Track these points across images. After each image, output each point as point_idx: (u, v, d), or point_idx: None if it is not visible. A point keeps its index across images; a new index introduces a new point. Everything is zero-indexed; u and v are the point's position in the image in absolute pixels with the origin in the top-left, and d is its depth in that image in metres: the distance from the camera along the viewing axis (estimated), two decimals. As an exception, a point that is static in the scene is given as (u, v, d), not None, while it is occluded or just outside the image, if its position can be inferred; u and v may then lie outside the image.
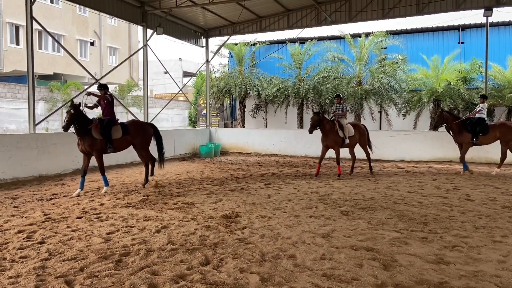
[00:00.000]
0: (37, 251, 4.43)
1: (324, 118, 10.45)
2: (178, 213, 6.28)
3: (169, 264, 4.05)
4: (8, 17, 27.03)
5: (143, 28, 14.84)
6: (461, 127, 10.79)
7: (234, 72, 22.24)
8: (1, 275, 3.76)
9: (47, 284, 3.56)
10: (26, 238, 4.91)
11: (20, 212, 6.34)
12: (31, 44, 10.69)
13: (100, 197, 7.56)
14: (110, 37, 35.98)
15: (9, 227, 5.40)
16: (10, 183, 9.01)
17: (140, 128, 8.72)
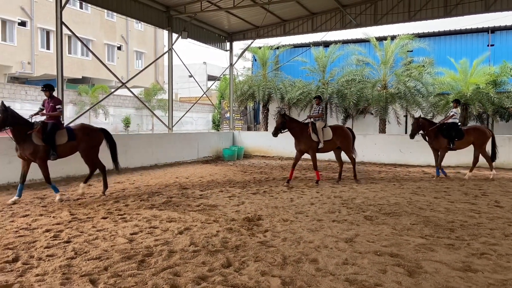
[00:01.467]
0: (64, 250, 4.54)
1: (292, 120, 9.87)
2: (200, 215, 6.32)
3: (191, 265, 4.08)
4: (39, 23, 28.00)
5: (169, 32, 15.08)
6: (437, 133, 10.77)
7: (257, 76, 22.30)
8: (28, 273, 3.86)
9: (72, 283, 3.63)
10: (53, 237, 5.04)
11: (48, 211, 6.51)
12: (60, 49, 11.02)
13: (125, 198, 7.69)
14: (136, 41, 36.75)
15: (37, 226, 5.55)
16: (39, 183, 9.27)
17: (88, 133, 7.93)
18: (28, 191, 8.30)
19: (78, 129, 7.87)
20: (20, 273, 3.85)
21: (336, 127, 10.37)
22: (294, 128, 9.74)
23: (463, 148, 11.04)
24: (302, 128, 9.82)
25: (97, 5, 12.94)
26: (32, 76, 28.46)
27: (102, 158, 8.28)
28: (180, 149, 14.63)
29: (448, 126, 10.73)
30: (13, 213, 6.36)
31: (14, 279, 3.69)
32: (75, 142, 7.69)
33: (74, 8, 29.19)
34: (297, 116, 20.76)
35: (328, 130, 9.98)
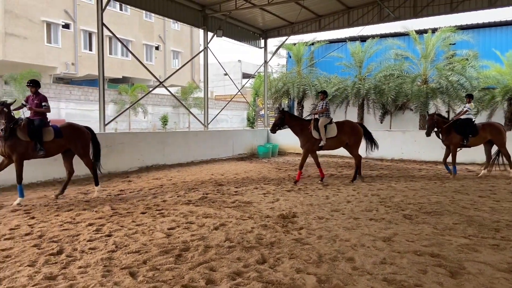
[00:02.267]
0: (105, 243, 4.70)
1: (292, 116, 9.60)
2: (235, 211, 6.37)
3: (226, 260, 4.11)
4: (82, 25, 29.12)
5: (204, 31, 15.26)
6: (451, 129, 10.36)
7: (292, 72, 22.18)
8: (71, 265, 4.02)
9: (113, 275, 3.75)
10: (95, 231, 5.23)
11: (91, 206, 6.77)
12: (102, 50, 11.40)
13: (163, 194, 7.86)
14: (173, 41, 37.49)
15: (80, 220, 5.78)
16: (82, 179, 9.66)
17: (75, 132, 7.70)
18: (72, 187, 8.66)
19: (65, 127, 7.67)
20: (64, 265, 4.01)
21: (343, 123, 9.91)
22: (294, 125, 9.44)
23: (477, 145, 10.56)
24: (303, 125, 9.51)
25: (136, 6, 13.30)
26: (75, 76, 29.67)
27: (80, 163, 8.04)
28: (216, 147, 14.80)
29: (462, 122, 10.30)
30: (58, 207, 6.65)
31: (58, 271, 3.85)
32: (62, 140, 7.45)
33: (114, 10, 30.14)
34: (333, 113, 20.50)
35: (332, 127, 9.48)
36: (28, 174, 8.64)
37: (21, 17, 25.47)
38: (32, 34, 26.08)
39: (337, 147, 9.80)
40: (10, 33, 24.95)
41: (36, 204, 6.90)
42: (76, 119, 23.42)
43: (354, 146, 9.72)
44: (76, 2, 28.59)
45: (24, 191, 7.19)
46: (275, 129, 9.33)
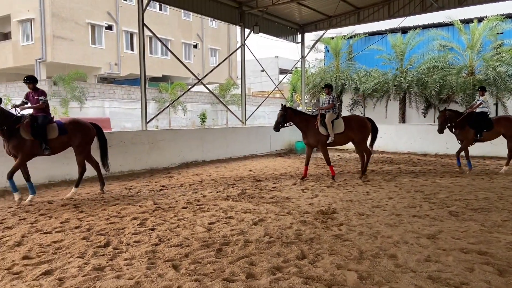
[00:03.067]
0: (149, 237, 4.85)
1: (296, 112, 9.24)
2: (274, 207, 6.39)
3: (266, 255, 4.14)
4: (124, 26, 30.09)
5: (241, 28, 15.34)
6: (464, 123, 9.94)
7: (330, 67, 21.85)
8: (118, 257, 4.19)
9: (157, 267, 3.87)
10: (139, 225, 5.41)
11: (135, 201, 7.01)
12: (143, 49, 11.73)
13: (203, 189, 8.01)
14: (211, 39, 37.96)
15: (125, 214, 6.00)
16: (126, 175, 10.02)
17: (79, 128, 7.46)
18: (117, 182, 9.01)
19: (69, 123, 7.42)
20: (111, 257, 4.19)
21: (350, 118, 9.59)
22: (299, 121, 9.11)
23: (492, 139, 10.17)
24: (309, 120, 9.17)
25: (175, 6, 13.57)
26: (118, 76, 30.75)
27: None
28: (253, 143, 14.87)
29: (476, 116, 9.88)
30: (104, 201, 6.94)
31: (106, 262, 4.02)
32: (66, 137, 7.26)
33: (154, 10, 30.91)
34: (373, 107, 20.05)
35: (339, 122, 9.15)
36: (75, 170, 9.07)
37: (68, 20, 26.67)
38: (78, 36, 27.25)
39: (345, 143, 9.48)
40: (57, 35, 26.19)
41: (84, 198, 7.23)
42: (119, 117, 24.31)
43: (361, 142, 9.36)
44: (118, 3, 29.57)
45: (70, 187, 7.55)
46: (278, 127, 8.99)
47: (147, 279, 3.55)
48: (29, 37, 27.31)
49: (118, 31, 29.85)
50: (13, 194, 6.93)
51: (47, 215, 5.97)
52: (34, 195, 7.06)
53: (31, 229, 5.22)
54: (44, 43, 26.03)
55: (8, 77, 30.00)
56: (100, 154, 7.91)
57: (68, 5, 26.54)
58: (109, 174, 9.66)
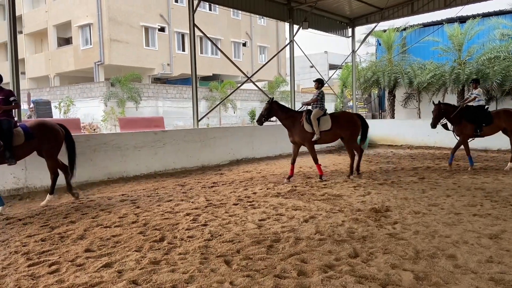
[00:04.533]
0: (201, 232, 4.97)
1: (282, 108, 8.78)
2: (325, 204, 6.30)
3: (317, 253, 4.10)
4: (175, 27, 30.99)
5: (290, 24, 15.25)
6: (461, 118, 9.44)
7: (382, 61, 21.17)
8: (172, 251, 4.32)
9: (209, 262, 3.95)
10: (192, 220, 5.56)
11: (188, 197, 7.20)
12: (194, 50, 12.01)
13: (253, 186, 8.07)
14: (260, 36, 38.12)
15: (179, 210, 6.19)
16: (179, 172, 10.32)
17: (47, 131, 6.67)
18: (171, 179, 9.30)
19: (36, 126, 6.60)
20: (166, 251, 4.33)
21: (338, 114, 9.13)
22: (285, 118, 8.69)
23: (491, 134, 9.63)
24: (295, 117, 8.71)
25: (225, 5, 13.75)
26: (171, 76, 31.74)
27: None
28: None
29: (474, 110, 9.39)
30: (159, 198, 7.19)
31: (161, 256, 4.17)
32: (33, 142, 6.45)
33: (204, 11, 31.53)
34: (428, 101, 19.16)
35: (326, 119, 8.67)
36: (132, 168, 9.49)
37: (123, 24, 27.91)
38: (132, 38, 28.45)
39: (333, 140, 9.07)
40: (114, 39, 27.50)
41: (141, 195, 7.54)
42: (172, 116, 25.07)
43: (350, 139, 8.93)
44: (170, 5, 30.48)
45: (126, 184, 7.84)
46: (261, 120, 8.57)
47: (200, 274, 3.64)
48: (88, 41, 28.89)
49: (170, 32, 30.78)
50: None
51: (106, 210, 6.29)
52: (2, 207, 6.35)
53: (92, 223, 5.53)
54: (102, 47, 27.43)
55: (70, 80, 31.97)
56: (69, 157, 7.09)
57: (123, 9, 27.76)
58: (163, 171, 10.05)
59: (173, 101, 26.71)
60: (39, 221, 5.71)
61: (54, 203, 6.88)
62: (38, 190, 7.84)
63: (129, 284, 3.47)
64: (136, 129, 12.06)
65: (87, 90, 24.57)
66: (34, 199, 7.29)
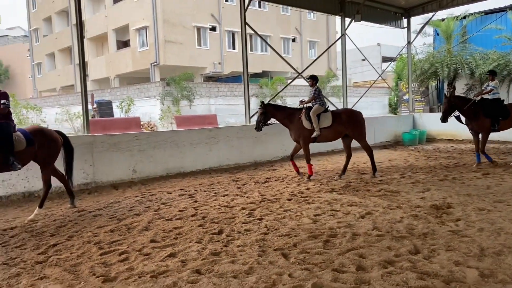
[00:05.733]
0: (258, 226, 5.09)
1: (277, 108, 8.64)
2: (382, 200, 6.19)
3: (376, 249, 4.06)
4: (226, 26, 31.51)
5: (341, 18, 15.00)
6: (477, 111, 9.00)
7: (440, 51, 20.22)
8: (231, 244, 4.47)
9: (267, 255, 4.05)
10: (248, 214, 5.69)
11: (242, 192, 7.37)
12: (245, 47, 12.18)
13: (306, 182, 8.09)
14: (309, 31, 37.78)
15: (234, 205, 6.35)
16: (233, 167, 10.55)
17: (47, 139, 6.17)
18: (225, 174, 9.54)
19: (35, 132, 6.12)
20: (225, 243, 4.49)
21: (340, 111, 8.77)
22: (282, 117, 8.50)
23: (507, 128, 9.21)
24: (293, 114, 8.50)
25: (275, 2, 13.80)
26: (222, 74, 32.35)
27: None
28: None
29: (490, 103, 8.97)
30: (215, 193, 7.42)
31: (221, 248, 4.33)
32: (32, 149, 5.95)
33: (254, 8, 31.76)
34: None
35: (327, 116, 8.34)
36: (189, 164, 9.84)
37: (177, 25, 28.83)
38: (185, 39, 29.32)
39: (334, 138, 8.65)
40: (168, 40, 28.49)
41: (197, 189, 7.81)
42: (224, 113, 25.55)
43: (358, 137, 8.52)
44: (221, 5, 31.04)
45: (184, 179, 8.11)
46: (259, 126, 8.38)
47: (259, 265, 3.75)
48: (144, 43, 30.15)
49: (221, 31, 31.35)
50: None
51: (167, 204, 6.60)
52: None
53: (155, 216, 5.83)
54: (157, 48, 28.52)
55: (128, 81, 33.56)
56: (65, 167, 6.69)
57: (176, 11, 28.67)
58: (217, 167, 10.32)
59: (225, 99, 27.21)
60: (107, 214, 6.12)
61: (119, 198, 7.32)
62: (104, 184, 8.38)
63: (193, 273, 3.65)
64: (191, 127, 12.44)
65: (144, 90, 25.68)
66: (101, 193, 7.81)
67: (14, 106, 22.41)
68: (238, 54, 25.14)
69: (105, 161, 8.43)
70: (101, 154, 8.41)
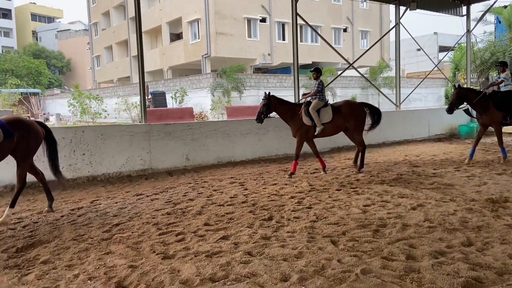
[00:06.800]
0: (306, 214, 5.20)
1: (280, 101, 8.20)
2: (434, 193, 6.07)
3: (427, 240, 4.04)
4: (276, 17, 31.49)
5: (396, 6, 14.55)
6: (488, 104, 8.62)
7: (502, 40, 19.09)
8: (281, 229, 4.62)
9: (316, 241, 4.16)
10: (297, 203, 5.81)
11: (291, 181, 7.49)
12: (296, 38, 12.20)
13: (356, 173, 8.06)
14: (361, 21, 36.87)
15: (284, 193, 6.49)
16: (281, 157, 10.67)
17: (27, 130, 5.52)
18: (274, 164, 9.71)
19: (14, 122, 5.44)
20: (275, 229, 4.65)
21: (340, 104, 8.40)
22: (283, 111, 8.19)
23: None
24: (293, 110, 8.21)
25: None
26: (271, 66, 32.45)
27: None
28: (409, 127, 14.09)
29: (502, 96, 8.58)
30: (265, 181, 7.59)
31: (271, 233, 4.49)
32: (12, 140, 5.30)
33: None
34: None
35: (327, 110, 8.07)
36: (239, 153, 10.09)
37: (227, 17, 29.24)
38: (236, 31, 29.68)
39: (335, 133, 8.42)
40: (219, 32, 28.99)
41: (247, 178, 8.03)
42: (273, 104, 25.73)
43: (355, 130, 8.24)
44: (271, -4, 31.08)
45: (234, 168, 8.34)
46: (261, 117, 8.01)
47: (308, 251, 3.87)
48: (196, 35, 30.88)
49: (271, 22, 31.39)
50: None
51: (219, 191, 6.88)
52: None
53: (208, 201, 6.11)
54: (209, 40, 29.12)
55: (180, 72, 34.59)
56: (49, 161, 6.04)
57: (227, 2, 29.06)
58: (266, 157, 10.49)
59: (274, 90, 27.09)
60: (163, 198, 6.49)
61: (174, 184, 7.71)
62: (160, 171, 8.82)
63: (245, 254, 3.84)
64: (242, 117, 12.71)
65: (195, 82, 26.39)
66: (157, 179, 8.25)
67: (78, 96, 23.92)
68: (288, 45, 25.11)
69: (160, 149, 8.87)
70: (157, 142, 8.85)
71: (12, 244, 4.39)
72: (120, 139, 8.41)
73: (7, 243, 4.46)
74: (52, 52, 58.86)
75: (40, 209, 5.97)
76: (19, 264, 3.88)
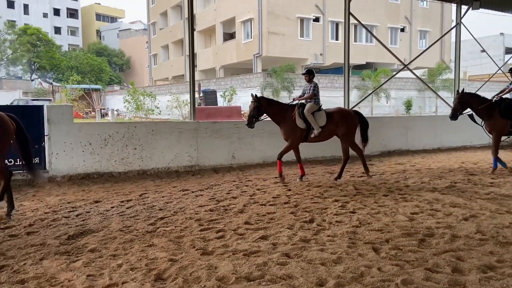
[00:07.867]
0: (349, 219, 5.06)
1: (271, 103, 7.78)
2: (490, 203, 5.69)
3: (476, 252, 3.79)
4: (330, 16, 31.05)
5: (457, 5, 13.81)
6: (493, 111, 8.24)
7: None
8: (321, 233, 4.54)
9: (357, 247, 4.04)
10: (340, 207, 5.68)
11: (336, 184, 7.34)
12: (348, 38, 11.94)
13: (406, 179, 7.75)
14: (421, 20, 35.42)
15: (327, 196, 6.38)
16: (328, 160, 10.50)
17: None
18: (320, 166, 9.59)
19: None
20: (315, 232, 4.57)
21: (334, 110, 8.02)
22: (275, 113, 7.68)
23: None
24: (286, 111, 7.72)
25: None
26: (323, 66, 32.04)
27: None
28: (467, 132, 13.29)
29: (509, 103, 8.14)
30: (309, 183, 7.51)
31: (311, 236, 4.42)
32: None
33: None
34: None
35: (321, 115, 7.73)
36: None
37: (280, 17, 29.24)
38: (288, 30, 29.61)
39: (326, 138, 8.04)
40: (271, 31, 29.07)
41: (291, 179, 7.98)
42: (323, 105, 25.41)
43: (345, 136, 7.89)
44: (325, -5, 30.69)
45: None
46: (252, 121, 7.54)
47: (348, 256, 3.77)
48: (248, 35, 31.18)
49: (325, 22, 30.99)
50: None
51: (262, 190, 6.89)
52: None
53: (250, 200, 6.14)
54: (261, 40, 29.29)
55: (231, 71, 35.09)
56: (23, 157, 5.63)
57: (281, 2, 29.07)
58: (313, 158, 10.35)
59: (324, 91, 26.87)
60: (207, 194, 6.61)
61: (219, 181, 7.83)
62: (206, 168, 9.01)
63: (282, 256, 3.81)
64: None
65: (246, 81, 26.66)
66: (203, 176, 8.43)
67: (133, 93, 25.01)
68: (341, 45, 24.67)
69: (207, 146, 9.05)
70: (204, 140, 9.04)
71: (65, 232, 4.67)
72: (169, 135, 8.68)
73: (60, 230, 4.75)
74: (114, 50, 62.05)
75: (94, 199, 6.31)
76: (69, 251, 4.11)
